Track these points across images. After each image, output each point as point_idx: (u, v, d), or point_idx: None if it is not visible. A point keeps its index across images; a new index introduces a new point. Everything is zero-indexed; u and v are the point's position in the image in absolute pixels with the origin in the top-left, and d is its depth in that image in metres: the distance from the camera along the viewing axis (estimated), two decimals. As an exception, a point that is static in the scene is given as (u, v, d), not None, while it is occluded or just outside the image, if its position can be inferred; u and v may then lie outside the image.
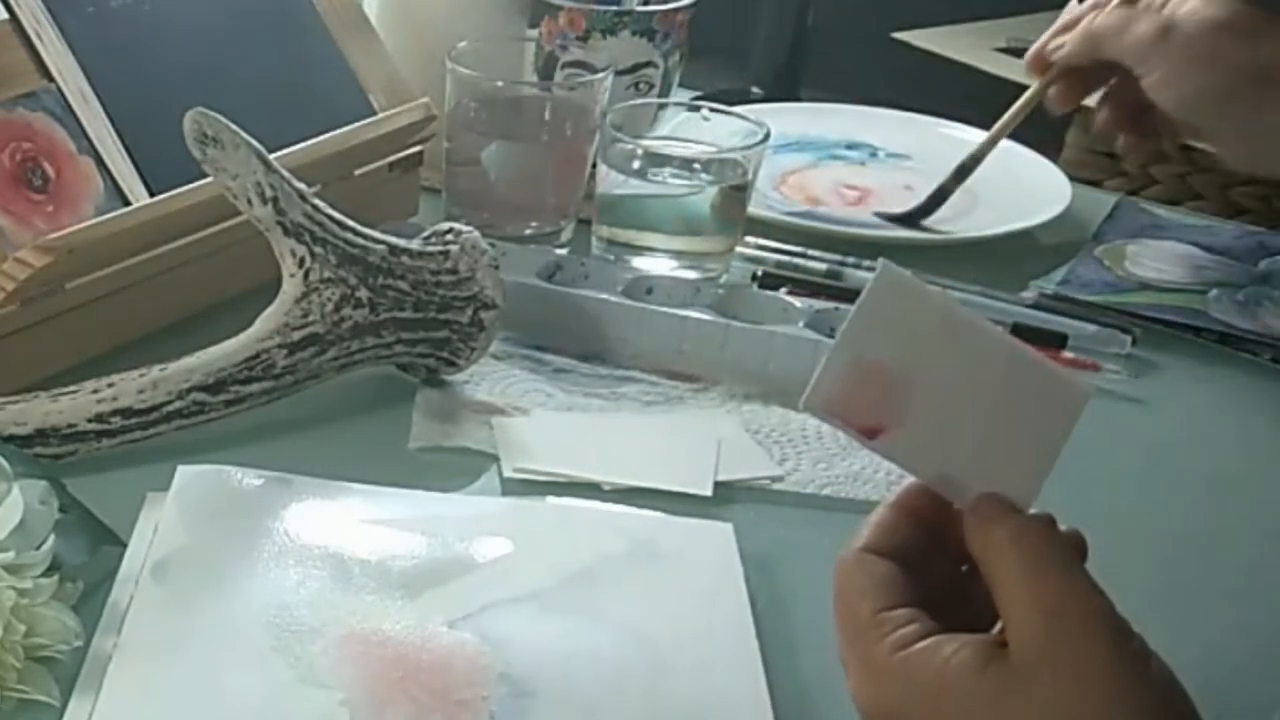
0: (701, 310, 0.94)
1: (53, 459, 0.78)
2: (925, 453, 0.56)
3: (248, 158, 0.81)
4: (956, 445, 0.56)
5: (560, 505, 0.80)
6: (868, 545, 0.56)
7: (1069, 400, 0.56)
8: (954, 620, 0.54)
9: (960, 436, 0.56)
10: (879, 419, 0.55)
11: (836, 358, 0.55)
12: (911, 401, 0.55)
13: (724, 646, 0.70)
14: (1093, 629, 0.51)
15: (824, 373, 0.55)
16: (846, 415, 0.55)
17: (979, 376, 0.56)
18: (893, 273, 0.55)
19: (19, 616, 0.63)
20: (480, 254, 0.86)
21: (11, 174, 0.84)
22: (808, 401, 0.55)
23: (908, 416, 0.55)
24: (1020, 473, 0.55)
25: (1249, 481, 0.88)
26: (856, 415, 0.55)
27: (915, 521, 0.57)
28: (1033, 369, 0.56)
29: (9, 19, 0.87)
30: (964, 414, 0.56)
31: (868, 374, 0.55)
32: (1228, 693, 0.62)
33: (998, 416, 0.56)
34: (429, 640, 0.68)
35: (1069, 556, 0.53)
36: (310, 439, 0.83)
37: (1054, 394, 0.56)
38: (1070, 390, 0.56)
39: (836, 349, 0.55)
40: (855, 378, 0.55)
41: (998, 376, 0.56)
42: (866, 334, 0.55)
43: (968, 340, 0.56)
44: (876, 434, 0.55)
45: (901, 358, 0.55)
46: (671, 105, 1.07)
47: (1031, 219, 1.12)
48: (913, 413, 0.55)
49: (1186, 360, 0.99)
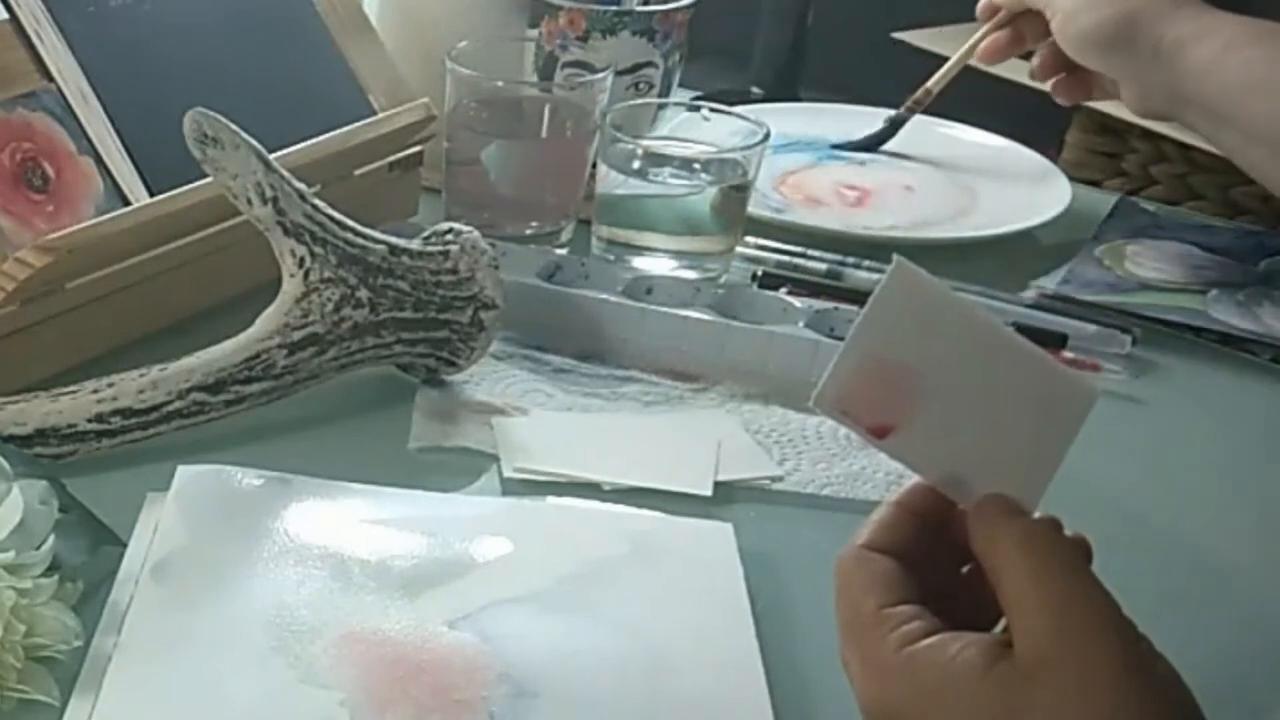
0: (701, 310, 0.94)
1: (53, 459, 0.78)
2: (933, 453, 0.56)
3: (248, 158, 0.81)
4: (964, 445, 0.56)
5: (560, 505, 0.80)
6: (869, 543, 0.56)
7: (1076, 401, 0.56)
8: (953, 619, 0.54)
9: (968, 436, 0.56)
10: (888, 418, 0.55)
11: (848, 354, 0.55)
12: (922, 401, 0.55)
13: (724, 646, 0.70)
14: (1099, 630, 0.51)
15: (835, 369, 0.55)
16: (857, 414, 0.55)
17: (989, 375, 0.56)
18: (906, 270, 0.55)
19: (19, 616, 0.63)
20: (480, 254, 0.86)
21: (11, 174, 0.84)
22: (818, 398, 0.55)
23: (917, 416, 0.55)
24: (1026, 473, 0.55)
25: (1249, 481, 0.88)
26: (867, 414, 0.55)
27: (917, 520, 0.57)
28: (1042, 368, 0.56)
29: (9, 19, 0.87)
30: (973, 413, 0.56)
31: (879, 372, 0.55)
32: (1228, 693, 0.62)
33: (1006, 416, 0.56)
34: (429, 640, 0.68)
35: (1075, 558, 0.53)
36: (310, 439, 0.83)
37: (1061, 394, 0.56)
38: (1078, 391, 0.56)
39: (848, 346, 0.55)
40: (866, 376, 0.55)
41: (1008, 375, 0.56)
42: (879, 331, 0.55)
43: (980, 338, 0.56)
44: (886, 433, 0.55)
45: (913, 356, 0.55)
46: (671, 105, 1.08)
47: (1031, 219, 1.12)
48: (922, 413, 0.55)
49: (1186, 360, 0.99)
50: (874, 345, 0.55)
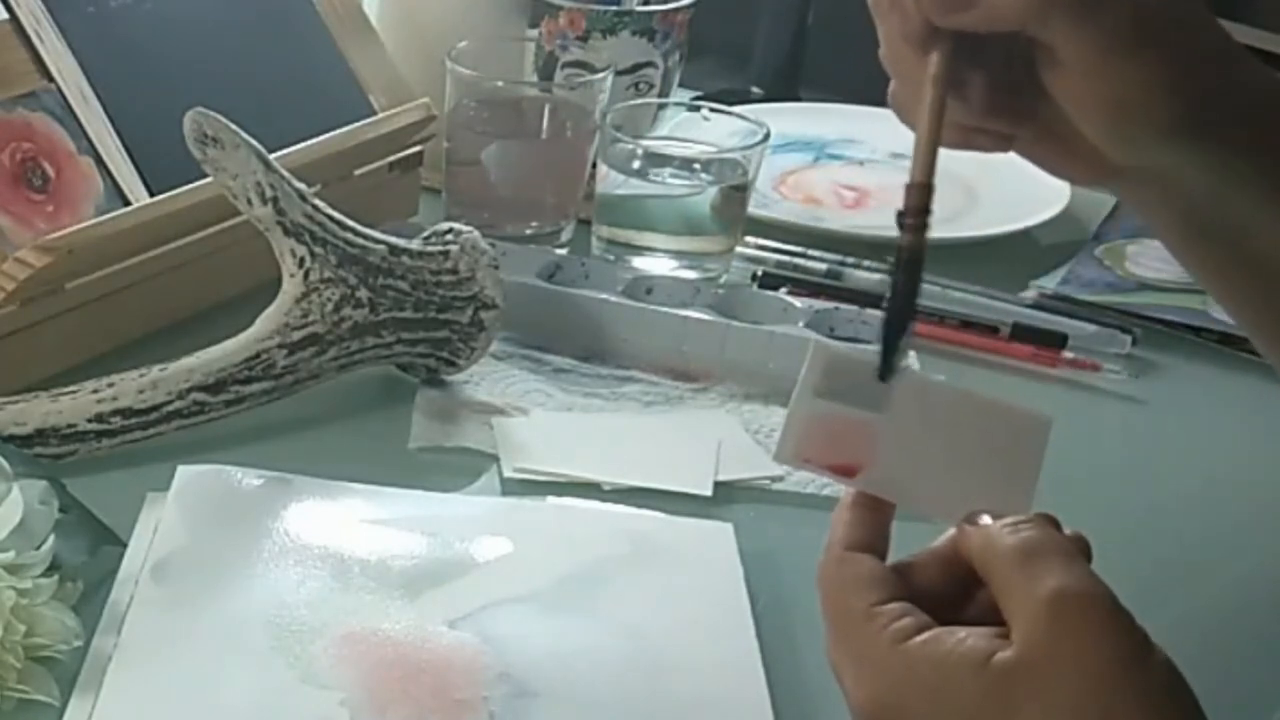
0: (701, 310, 0.94)
1: (53, 459, 0.78)
2: (904, 487, 0.57)
3: (248, 158, 0.81)
4: (933, 481, 0.57)
5: (560, 505, 0.80)
6: (847, 544, 0.56)
7: (1031, 433, 0.57)
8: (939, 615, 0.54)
9: (934, 474, 0.57)
10: (850, 459, 0.57)
11: (794, 415, 0.57)
12: (878, 445, 0.57)
13: (724, 646, 0.70)
14: (1097, 621, 0.50)
15: (786, 427, 0.57)
16: (818, 460, 0.57)
17: (935, 422, 0.57)
18: (825, 350, 0.58)
19: (19, 616, 0.63)
20: (480, 254, 0.86)
21: (11, 174, 0.84)
22: (778, 455, 0.58)
23: (879, 456, 0.57)
24: (1001, 503, 0.56)
25: (1249, 481, 0.88)
26: (828, 459, 0.57)
27: (882, 514, 0.57)
28: (987, 410, 0.58)
29: (9, 19, 0.87)
30: (932, 457, 0.57)
31: (830, 424, 0.57)
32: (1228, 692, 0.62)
33: (965, 457, 0.57)
34: (429, 640, 0.68)
35: (1070, 550, 0.53)
36: (310, 439, 0.83)
37: (1015, 429, 0.57)
38: (1030, 423, 0.58)
39: (793, 408, 0.57)
40: (818, 428, 0.57)
41: (954, 422, 0.57)
42: (815, 398, 0.57)
43: (914, 395, 0.57)
44: (853, 473, 0.57)
45: (856, 413, 0.57)
46: (671, 105, 1.08)
47: (1031, 219, 1.12)
48: (884, 453, 0.57)
49: (1186, 360, 0.99)
50: (815, 407, 0.57)
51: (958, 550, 0.55)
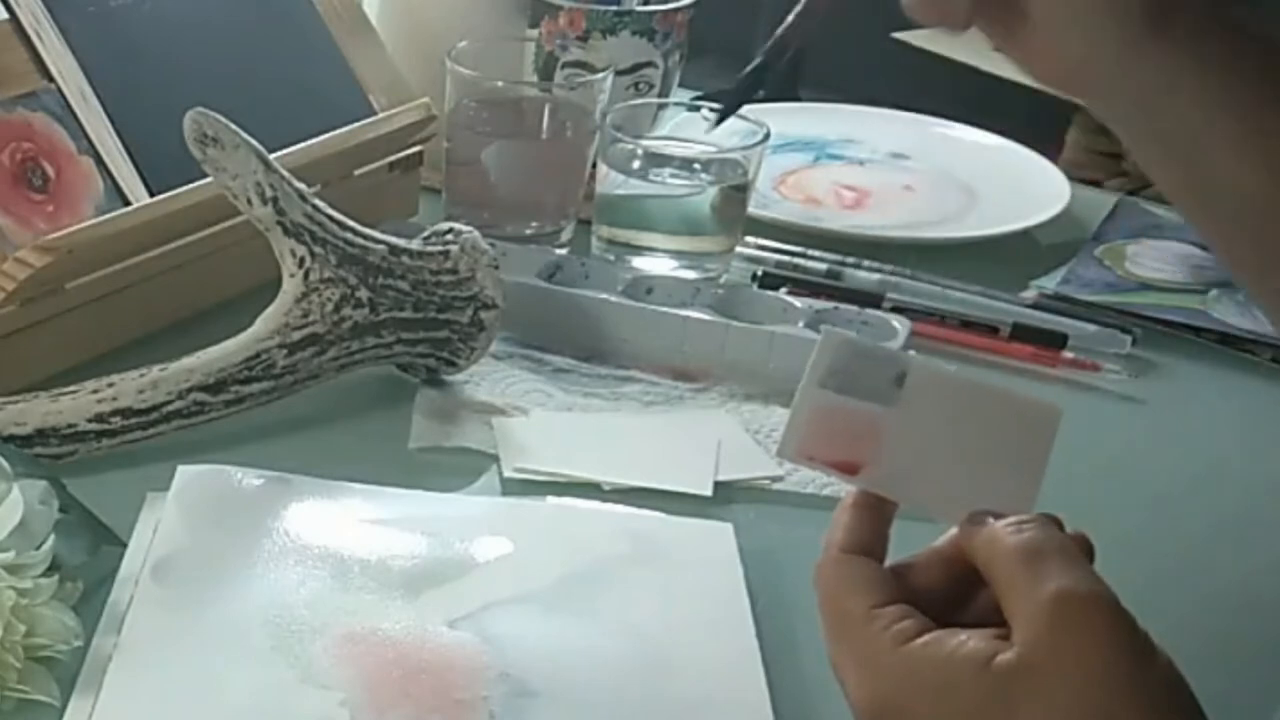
0: (701, 310, 0.94)
1: (53, 459, 0.78)
2: (908, 484, 0.57)
3: (248, 158, 0.81)
4: (937, 477, 0.57)
5: (560, 505, 0.80)
6: (845, 545, 0.56)
7: (1040, 422, 0.57)
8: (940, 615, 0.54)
9: (939, 469, 0.57)
10: (854, 456, 0.57)
11: (799, 409, 0.57)
12: (883, 440, 0.56)
13: (724, 646, 0.70)
14: (1099, 623, 0.51)
15: (791, 422, 0.57)
16: (821, 457, 0.57)
17: (944, 415, 0.57)
18: (835, 337, 0.57)
19: (19, 616, 0.63)
20: (480, 254, 0.86)
21: (11, 174, 0.84)
22: (781, 450, 0.58)
23: (883, 452, 0.57)
24: (1007, 497, 0.56)
25: (1249, 481, 0.88)
26: (831, 456, 0.57)
27: (881, 515, 0.57)
28: (996, 399, 0.58)
29: (9, 19, 0.87)
30: (939, 449, 0.57)
31: (834, 418, 0.57)
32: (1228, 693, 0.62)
33: (973, 448, 0.57)
34: (429, 640, 0.68)
35: (1073, 551, 0.53)
36: (310, 439, 0.83)
37: (1024, 419, 0.57)
38: (1040, 412, 0.57)
39: (798, 400, 0.57)
40: (821, 422, 0.57)
41: (962, 413, 0.57)
42: (822, 390, 0.57)
43: (924, 385, 0.57)
44: (856, 470, 0.57)
45: (863, 405, 0.57)
46: (671, 105, 1.08)
47: (1031, 219, 1.12)
48: (888, 448, 0.56)
49: (1186, 360, 0.99)
50: (821, 399, 0.57)
51: (960, 549, 0.55)
